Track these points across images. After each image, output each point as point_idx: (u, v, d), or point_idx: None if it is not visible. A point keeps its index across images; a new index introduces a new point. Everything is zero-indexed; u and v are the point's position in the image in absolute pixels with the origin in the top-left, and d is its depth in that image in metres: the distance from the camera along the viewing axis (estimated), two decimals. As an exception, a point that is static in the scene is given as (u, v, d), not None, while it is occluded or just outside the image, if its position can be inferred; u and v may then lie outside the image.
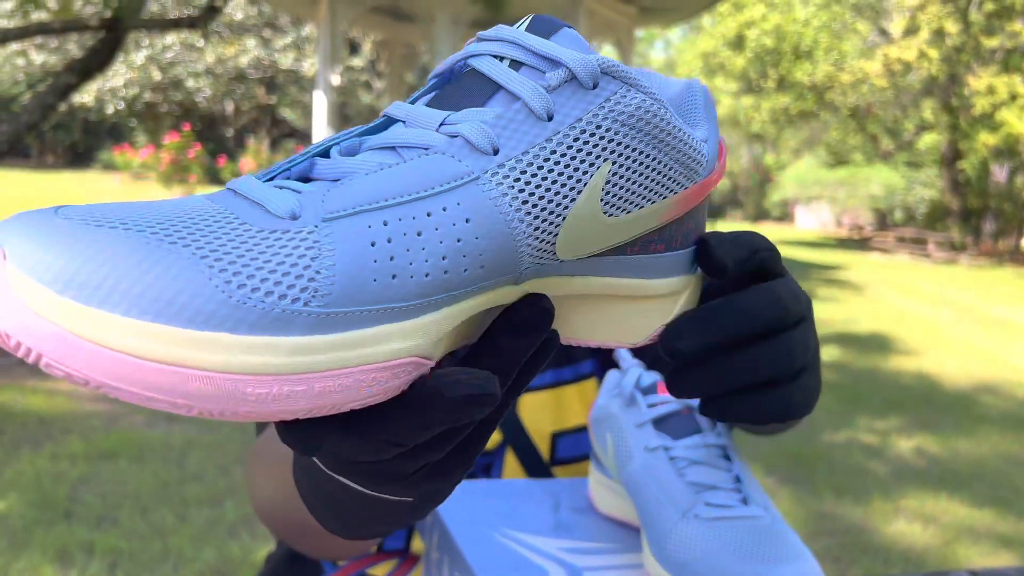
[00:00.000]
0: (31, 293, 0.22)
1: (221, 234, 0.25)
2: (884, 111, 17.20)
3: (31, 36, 5.94)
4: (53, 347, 0.22)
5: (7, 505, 2.34)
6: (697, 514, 0.55)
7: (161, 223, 0.25)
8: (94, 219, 0.24)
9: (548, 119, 0.29)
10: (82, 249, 0.23)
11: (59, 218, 0.24)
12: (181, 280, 0.23)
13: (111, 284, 0.23)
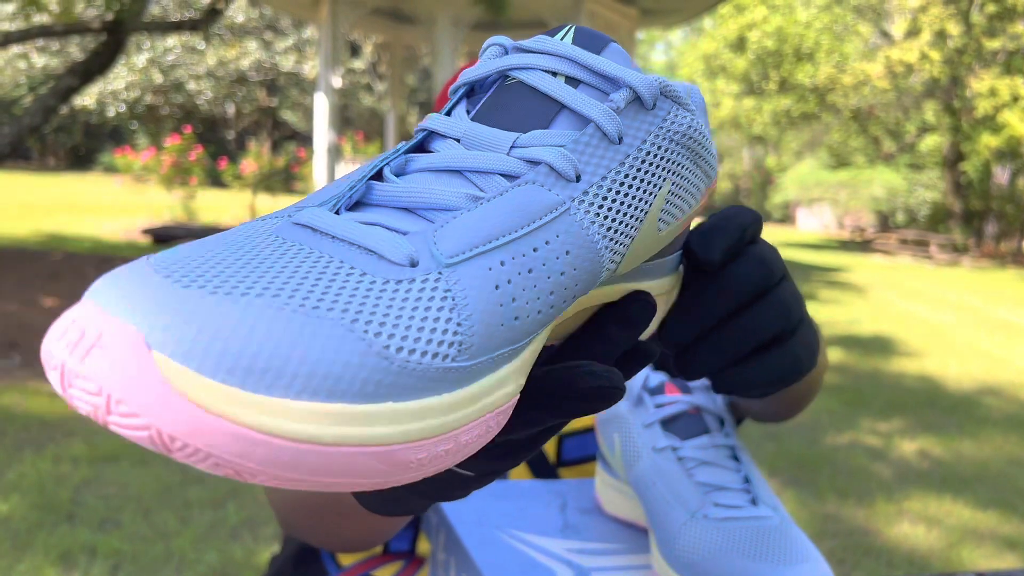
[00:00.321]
0: (192, 386, 0.20)
1: (352, 291, 0.23)
2: (886, 113, 17.20)
3: (33, 39, 5.95)
4: (227, 444, 0.20)
5: (10, 507, 2.34)
6: (706, 514, 0.54)
7: (282, 283, 0.22)
8: (211, 283, 0.21)
9: (619, 142, 0.29)
10: (229, 327, 0.20)
11: (178, 286, 0.21)
12: (344, 351, 0.21)
13: (276, 365, 0.20)
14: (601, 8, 7.21)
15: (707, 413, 0.60)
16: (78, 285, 5.84)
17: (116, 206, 11.83)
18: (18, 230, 8.53)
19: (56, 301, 5.22)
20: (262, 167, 10.49)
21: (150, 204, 10.82)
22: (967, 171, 14.82)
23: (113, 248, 7.94)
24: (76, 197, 13.12)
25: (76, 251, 7.51)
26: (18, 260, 6.70)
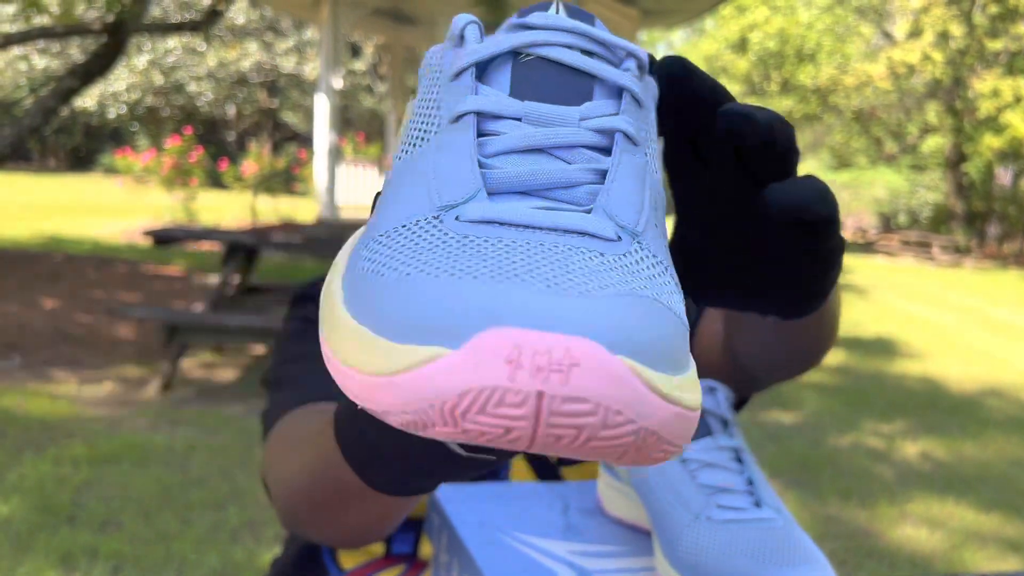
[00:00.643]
0: (653, 380, 0.21)
1: (616, 270, 0.24)
2: (888, 114, 17.20)
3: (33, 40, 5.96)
4: (677, 426, 0.22)
5: (10, 509, 2.34)
6: (709, 516, 0.54)
7: (588, 275, 0.22)
8: (554, 281, 0.22)
9: (642, 107, 0.31)
10: (632, 319, 0.21)
11: (542, 285, 0.21)
12: (670, 325, 0.23)
13: (661, 348, 0.22)
14: (602, 8, 7.21)
15: (710, 415, 0.59)
16: (78, 286, 5.84)
17: (116, 207, 11.84)
18: (18, 231, 8.54)
19: (56, 302, 5.23)
20: (263, 168, 10.49)
21: (151, 205, 10.83)
22: (969, 172, 14.82)
23: (113, 250, 7.94)
24: (76, 198, 13.14)
25: (76, 252, 7.51)
26: (18, 261, 6.70)
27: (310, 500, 0.50)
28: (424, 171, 0.28)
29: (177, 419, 3.21)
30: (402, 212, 0.26)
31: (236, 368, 4.02)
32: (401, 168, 0.30)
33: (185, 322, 3.45)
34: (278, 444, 0.60)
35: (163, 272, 6.85)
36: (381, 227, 0.26)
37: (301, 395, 0.65)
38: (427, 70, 0.32)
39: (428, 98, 0.31)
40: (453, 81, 0.30)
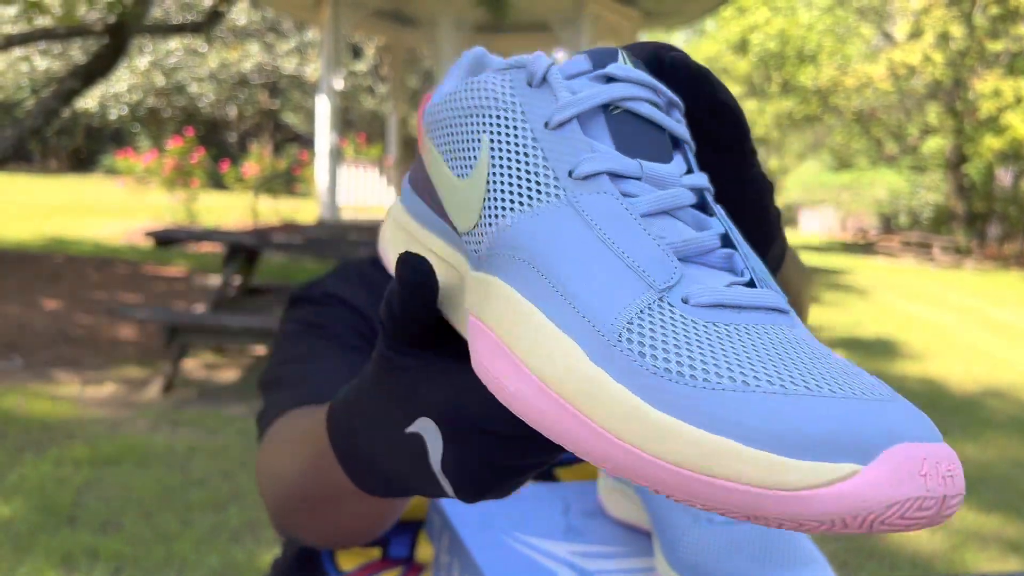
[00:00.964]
0: None
1: (844, 365, 0.27)
2: (888, 115, 17.20)
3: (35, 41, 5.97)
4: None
5: (11, 510, 2.34)
6: (710, 518, 0.54)
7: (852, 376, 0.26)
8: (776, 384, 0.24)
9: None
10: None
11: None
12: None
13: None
14: (603, 10, 7.21)
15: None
16: (79, 287, 5.84)
17: (118, 208, 11.85)
18: (19, 232, 8.55)
19: (57, 303, 5.23)
20: (264, 169, 10.51)
21: (152, 206, 10.84)
22: (970, 173, 14.82)
23: (114, 251, 7.95)
24: (78, 199, 13.15)
25: (77, 253, 7.52)
26: (19, 262, 6.71)
27: (303, 499, 0.50)
28: (590, 241, 0.28)
29: (178, 420, 3.21)
30: (619, 296, 0.27)
31: (237, 369, 4.03)
32: (535, 227, 0.29)
33: (186, 323, 3.45)
34: (272, 445, 0.60)
35: (164, 273, 6.85)
36: (608, 314, 0.26)
37: (296, 397, 0.65)
38: (494, 104, 0.32)
39: (519, 144, 0.31)
40: (556, 132, 0.30)
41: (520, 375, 0.27)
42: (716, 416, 0.23)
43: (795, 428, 0.22)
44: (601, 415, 0.25)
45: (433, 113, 0.34)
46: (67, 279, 6.12)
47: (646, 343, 0.25)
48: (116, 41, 5.65)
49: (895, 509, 0.22)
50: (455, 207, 0.33)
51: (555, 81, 0.31)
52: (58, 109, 5.60)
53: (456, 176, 0.33)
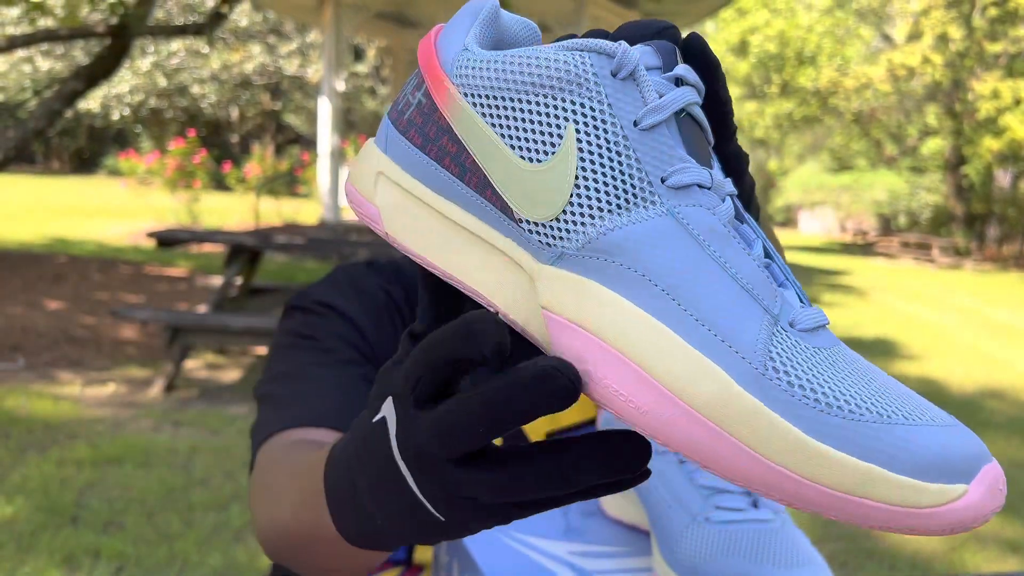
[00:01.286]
0: None
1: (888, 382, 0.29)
2: (888, 116, 17.19)
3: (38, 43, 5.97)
4: None
5: (14, 510, 2.35)
6: (708, 518, 0.55)
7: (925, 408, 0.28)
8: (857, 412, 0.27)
9: None
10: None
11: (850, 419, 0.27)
12: None
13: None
14: (603, 12, 7.22)
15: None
16: (82, 288, 5.85)
17: (120, 209, 11.85)
18: (23, 233, 8.55)
19: (60, 304, 5.24)
20: (266, 171, 10.50)
21: (154, 207, 10.84)
22: (969, 174, 14.81)
23: (117, 251, 7.96)
24: (80, 200, 13.15)
25: (80, 254, 7.53)
26: (22, 263, 6.71)
27: (293, 536, 0.50)
28: (703, 260, 0.29)
29: (180, 420, 3.22)
30: (747, 322, 0.28)
31: (239, 369, 4.03)
32: (637, 236, 0.29)
33: (188, 323, 3.46)
34: (264, 476, 0.59)
35: (166, 273, 6.86)
36: (746, 340, 0.28)
37: (287, 417, 0.65)
38: (578, 89, 0.30)
39: (612, 140, 0.29)
40: (646, 134, 0.30)
41: (652, 389, 0.27)
42: (865, 446, 0.26)
43: (922, 456, 0.26)
44: (763, 445, 0.26)
45: (478, 74, 0.31)
46: (70, 280, 6.13)
47: (790, 372, 0.27)
48: (119, 43, 5.66)
49: (985, 519, 0.26)
50: (518, 192, 0.30)
51: (643, 79, 0.30)
52: (61, 110, 5.60)
53: (523, 159, 0.30)
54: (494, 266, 0.31)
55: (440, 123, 0.32)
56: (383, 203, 0.33)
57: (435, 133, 0.32)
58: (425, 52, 0.33)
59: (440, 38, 0.33)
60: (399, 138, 0.33)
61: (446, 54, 0.32)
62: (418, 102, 0.33)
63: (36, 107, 5.66)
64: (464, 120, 0.31)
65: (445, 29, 0.33)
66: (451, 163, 0.32)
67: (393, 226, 0.33)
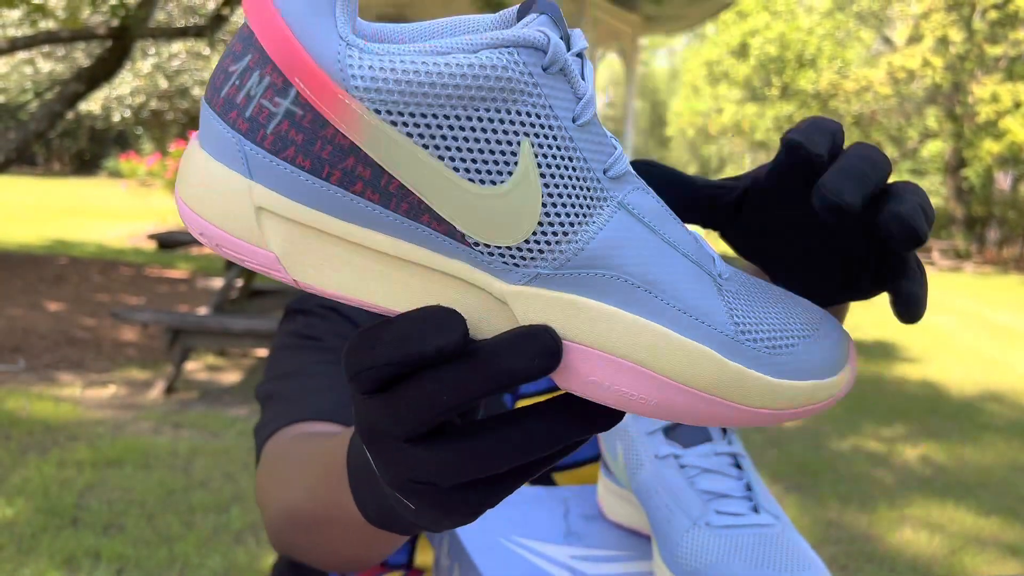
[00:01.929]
0: None
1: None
2: (888, 119, 17.20)
3: (39, 44, 5.98)
4: None
5: (14, 512, 2.35)
6: (708, 522, 0.55)
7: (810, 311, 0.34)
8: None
9: None
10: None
11: None
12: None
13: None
14: (604, 15, 7.22)
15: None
16: (83, 290, 5.85)
17: (121, 211, 11.86)
18: (24, 235, 8.56)
19: (61, 306, 5.24)
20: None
21: (155, 209, 10.85)
22: (969, 177, 14.81)
23: (118, 253, 7.96)
24: (81, 202, 13.16)
25: (81, 256, 7.53)
26: (23, 265, 6.72)
27: (308, 522, 0.50)
28: (660, 246, 0.30)
29: (180, 422, 3.22)
30: (708, 295, 0.31)
31: (240, 371, 4.03)
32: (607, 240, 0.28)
33: (189, 325, 3.46)
34: (274, 466, 0.60)
35: (167, 275, 6.86)
36: (717, 314, 0.30)
37: (291, 414, 0.65)
38: (519, 96, 0.27)
39: (563, 146, 0.28)
40: (584, 129, 0.28)
41: (660, 385, 0.29)
42: (806, 369, 0.31)
43: (830, 359, 0.33)
44: (751, 398, 0.31)
45: (388, 85, 0.26)
46: (70, 281, 6.13)
47: (751, 331, 0.31)
48: (120, 45, 5.66)
49: (845, 393, 0.34)
50: (470, 218, 0.27)
51: (569, 68, 0.28)
52: (62, 112, 5.61)
53: (471, 182, 0.27)
54: (443, 293, 0.28)
55: (336, 141, 0.26)
56: (279, 246, 0.27)
57: (331, 153, 0.26)
58: (274, 36, 0.26)
59: (291, 16, 0.26)
60: (269, 160, 0.27)
61: (318, 47, 0.26)
62: (287, 112, 0.26)
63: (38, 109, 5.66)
64: (380, 140, 0.26)
65: (293, 4, 0.26)
66: (366, 189, 0.27)
67: (302, 271, 0.28)
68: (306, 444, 0.58)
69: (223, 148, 0.27)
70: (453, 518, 0.31)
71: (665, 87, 30.66)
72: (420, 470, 0.29)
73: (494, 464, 0.28)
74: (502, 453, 0.28)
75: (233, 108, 0.27)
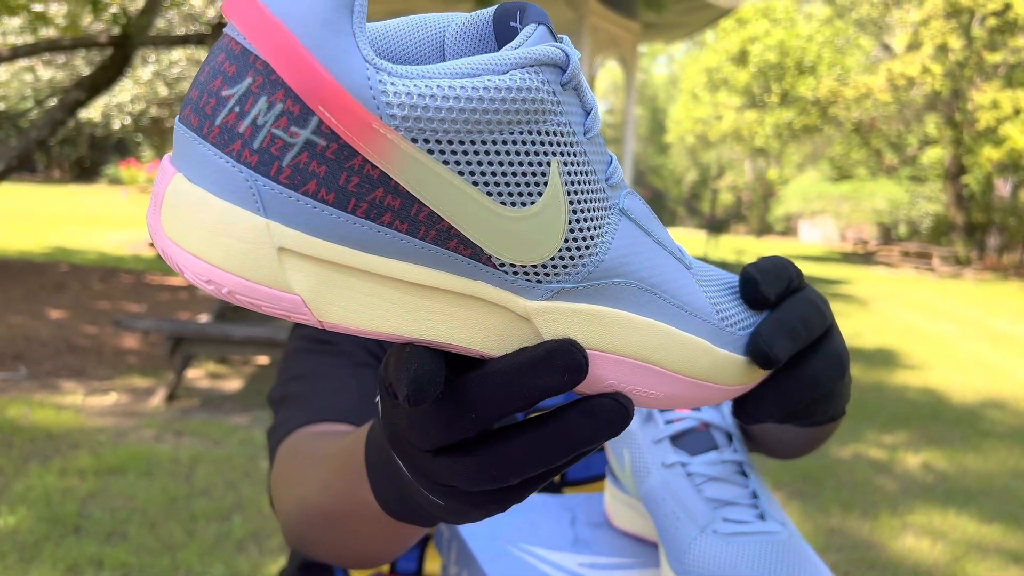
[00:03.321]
0: None
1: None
2: (888, 126, 17.23)
3: (40, 53, 5.99)
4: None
5: (17, 520, 2.35)
6: (715, 530, 0.55)
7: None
8: None
9: None
10: None
11: None
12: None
13: None
14: (604, 22, 7.25)
15: (715, 429, 0.61)
16: (84, 297, 5.86)
17: (121, 218, 11.87)
18: (24, 242, 8.56)
19: (62, 313, 5.24)
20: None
21: (154, 216, 10.84)
22: (969, 184, 14.83)
23: (119, 260, 7.97)
24: (81, 209, 13.17)
25: (82, 263, 7.54)
26: (24, 272, 6.73)
27: (324, 514, 0.50)
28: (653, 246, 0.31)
29: (182, 430, 3.22)
30: (692, 285, 0.33)
31: (241, 379, 4.04)
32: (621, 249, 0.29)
33: (190, 333, 3.47)
34: (290, 462, 0.60)
35: (168, 282, 6.87)
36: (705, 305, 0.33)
37: (307, 414, 0.66)
38: (546, 117, 0.26)
39: (584, 162, 0.28)
40: (592, 140, 0.29)
41: (670, 380, 0.32)
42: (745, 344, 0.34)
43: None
44: (730, 378, 0.33)
45: (428, 113, 0.24)
46: (71, 289, 6.14)
47: (727, 317, 0.33)
48: (121, 53, 5.68)
49: None
50: (500, 240, 0.27)
51: (581, 82, 0.28)
52: (63, 120, 5.63)
53: (503, 205, 0.26)
54: (467, 315, 0.28)
55: (365, 172, 0.25)
56: (305, 288, 0.25)
57: (359, 185, 0.25)
58: (289, 58, 0.23)
59: (305, 34, 0.23)
60: (287, 196, 0.24)
61: (345, 72, 0.24)
62: (307, 143, 0.24)
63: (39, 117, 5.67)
64: (415, 169, 0.25)
65: (305, 21, 0.23)
66: (395, 219, 0.25)
67: (328, 310, 0.26)
68: (321, 442, 0.58)
69: (227, 184, 0.24)
70: (480, 513, 0.32)
71: (664, 94, 30.73)
72: (444, 476, 0.30)
73: (516, 471, 0.29)
74: (524, 460, 0.29)
75: (235, 138, 0.24)
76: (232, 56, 0.24)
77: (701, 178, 28.42)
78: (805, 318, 0.35)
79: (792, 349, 0.34)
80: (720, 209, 25.91)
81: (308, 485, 0.53)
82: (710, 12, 7.77)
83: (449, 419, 0.28)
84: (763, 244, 17.59)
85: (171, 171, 0.25)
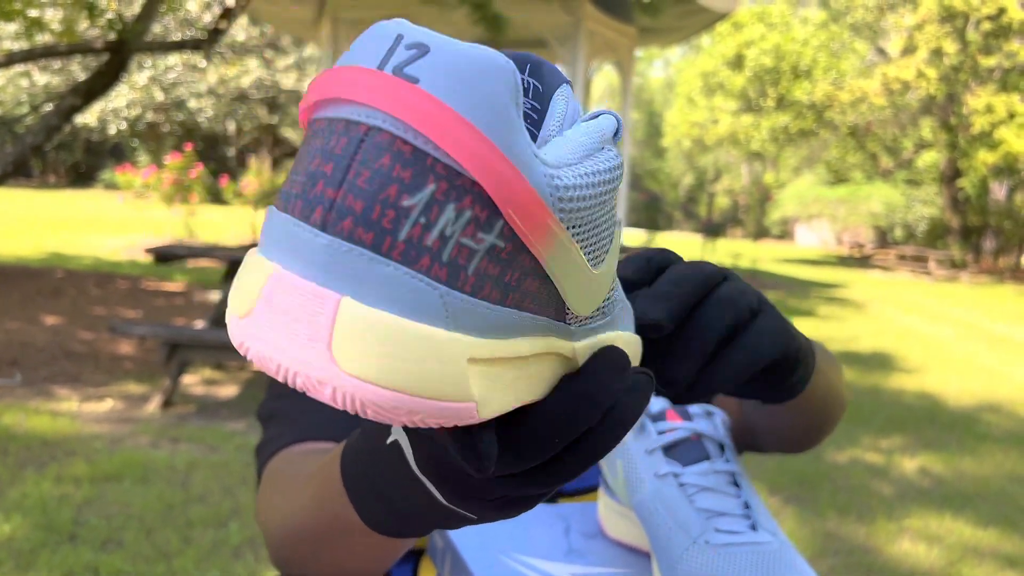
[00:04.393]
0: None
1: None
2: (883, 129, 17.29)
3: (36, 59, 5.99)
4: None
5: (12, 527, 2.34)
6: (707, 540, 0.56)
7: None
8: None
9: None
10: None
11: None
12: None
13: None
14: (600, 27, 7.27)
15: (707, 439, 0.61)
16: (80, 302, 5.85)
17: (117, 223, 11.86)
18: (20, 247, 8.55)
19: (58, 319, 5.24)
20: (263, 184, 10.52)
21: (151, 221, 10.86)
22: (965, 187, 14.88)
23: (114, 266, 7.96)
24: (77, 214, 13.16)
25: (77, 269, 7.53)
26: (20, 277, 6.72)
27: (309, 534, 0.50)
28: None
29: (178, 436, 3.21)
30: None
31: (237, 385, 4.03)
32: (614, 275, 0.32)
33: (186, 339, 3.46)
34: (275, 482, 0.60)
35: (164, 288, 6.86)
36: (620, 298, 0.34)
37: (294, 432, 0.66)
38: (617, 185, 0.28)
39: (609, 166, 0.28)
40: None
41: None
42: None
43: None
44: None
45: (578, 203, 0.25)
46: (67, 294, 6.13)
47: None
48: (117, 58, 5.68)
49: None
50: (583, 297, 0.27)
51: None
52: (59, 125, 5.62)
53: (593, 266, 0.27)
54: (540, 372, 0.27)
55: (525, 265, 0.24)
56: (480, 392, 0.23)
57: (518, 279, 0.24)
58: (484, 159, 0.22)
59: (491, 129, 0.22)
60: (472, 304, 0.23)
61: (529, 169, 0.23)
62: (490, 248, 0.23)
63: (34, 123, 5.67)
64: (562, 253, 0.25)
65: (485, 113, 0.22)
66: (532, 303, 0.25)
67: (489, 406, 0.24)
68: (304, 460, 0.58)
69: (421, 304, 0.22)
70: (502, 516, 0.32)
71: (661, 98, 30.79)
72: (492, 492, 0.30)
73: (571, 472, 0.29)
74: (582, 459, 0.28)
75: (424, 253, 0.22)
76: (402, 159, 0.21)
77: (697, 182, 28.46)
78: (674, 280, 0.39)
79: (670, 307, 0.37)
80: (717, 213, 25.95)
81: (289, 506, 0.53)
82: (706, 16, 7.79)
83: (539, 448, 0.27)
84: (760, 248, 17.62)
85: (332, 296, 0.21)
